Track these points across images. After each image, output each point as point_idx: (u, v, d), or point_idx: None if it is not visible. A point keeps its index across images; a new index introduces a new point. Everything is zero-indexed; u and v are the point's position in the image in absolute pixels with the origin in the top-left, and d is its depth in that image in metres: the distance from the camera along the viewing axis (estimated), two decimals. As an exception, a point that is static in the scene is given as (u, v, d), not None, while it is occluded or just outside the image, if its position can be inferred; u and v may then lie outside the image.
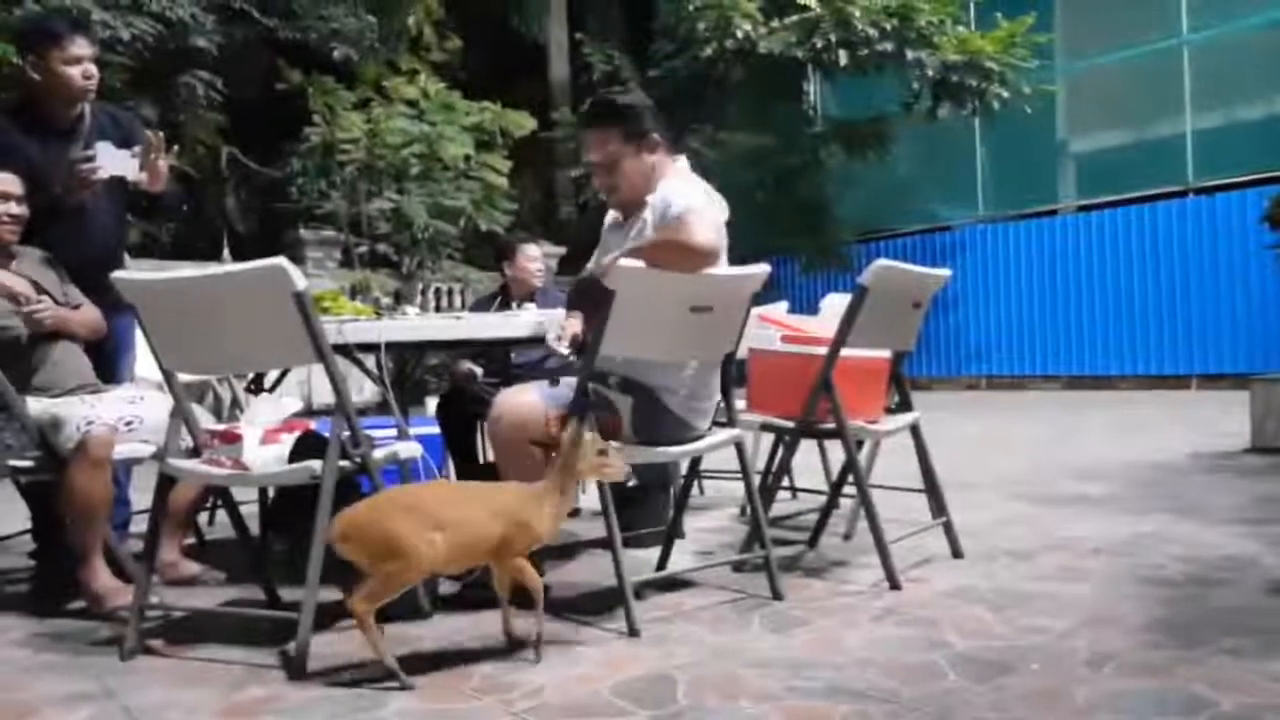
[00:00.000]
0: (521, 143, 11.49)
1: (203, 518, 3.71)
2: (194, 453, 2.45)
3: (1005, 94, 11.65)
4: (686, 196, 2.60)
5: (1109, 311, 11.69)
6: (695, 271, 2.48)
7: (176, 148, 3.26)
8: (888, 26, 11.07)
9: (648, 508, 3.53)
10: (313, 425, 2.44)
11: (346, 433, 2.23)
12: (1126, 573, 2.82)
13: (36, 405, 2.63)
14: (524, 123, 11.09)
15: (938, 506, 3.18)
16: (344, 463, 2.22)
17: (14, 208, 2.85)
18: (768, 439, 3.70)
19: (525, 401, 2.55)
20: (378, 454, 2.34)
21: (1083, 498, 4.18)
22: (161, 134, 3.01)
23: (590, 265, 2.96)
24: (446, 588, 2.68)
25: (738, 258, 2.77)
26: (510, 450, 2.57)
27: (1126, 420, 7.79)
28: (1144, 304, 11.36)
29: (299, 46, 11.25)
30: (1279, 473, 4.65)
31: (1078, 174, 13.06)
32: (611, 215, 2.98)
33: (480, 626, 2.43)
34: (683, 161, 2.82)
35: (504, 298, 4.46)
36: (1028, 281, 12.45)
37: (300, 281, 2.18)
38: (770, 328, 3.19)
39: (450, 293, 11.81)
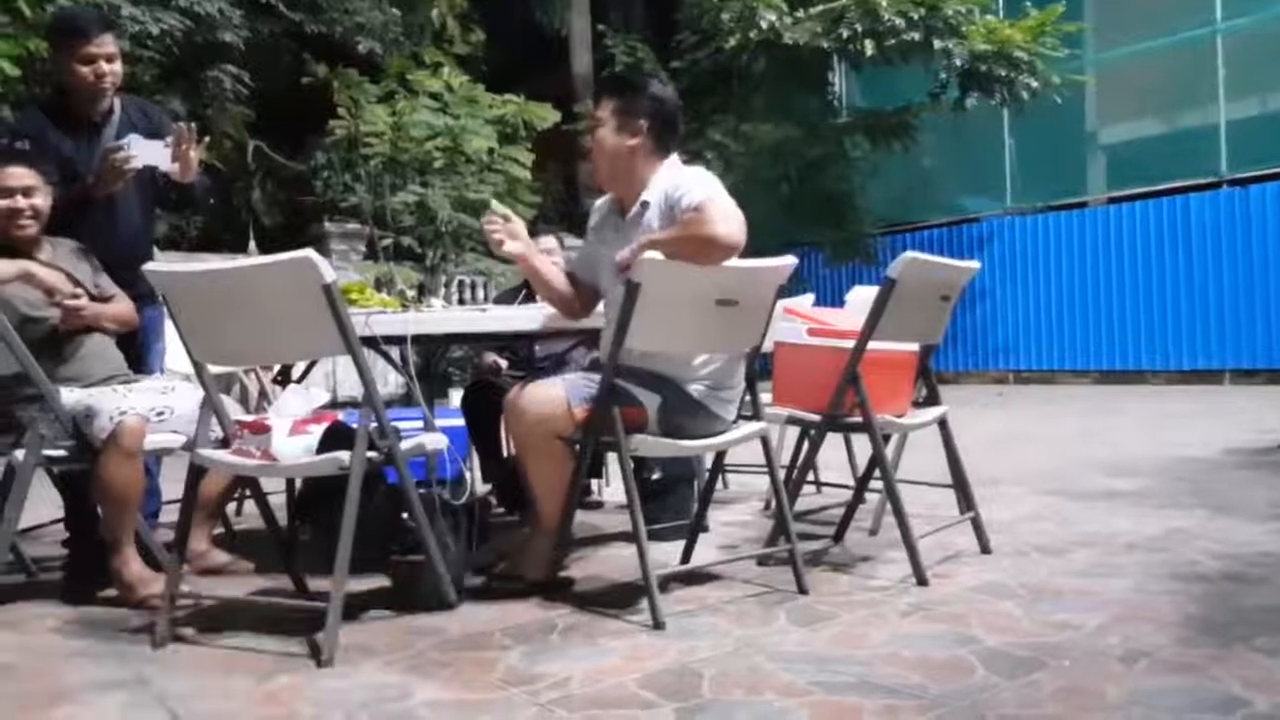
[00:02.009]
0: (544, 135, 11.49)
1: (231, 508, 3.75)
2: (223, 443, 2.47)
3: (1034, 84, 11.50)
4: (704, 186, 2.58)
5: (1140, 305, 11.54)
6: (717, 263, 2.46)
7: (207, 138, 3.27)
8: (915, 16, 10.96)
9: (672, 501, 3.53)
10: (340, 417, 2.45)
11: (374, 424, 2.24)
12: (1160, 569, 2.79)
13: (70, 396, 2.66)
14: (547, 115, 11.07)
15: (965, 501, 3.15)
16: (371, 454, 2.23)
17: (26, 200, 2.80)
18: (793, 433, 3.68)
19: (549, 395, 2.54)
20: (404, 446, 2.34)
21: (1114, 493, 4.13)
22: (193, 125, 3.03)
23: (574, 258, 2.96)
24: (473, 579, 2.69)
25: (763, 249, 2.76)
26: (532, 444, 2.57)
27: (1158, 415, 7.69)
28: (1176, 297, 11.20)
29: (324, 40, 11.31)
30: (1314, 468, 4.58)
31: (1108, 165, 12.89)
32: (603, 208, 2.91)
33: (508, 618, 2.44)
34: (674, 158, 2.76)
35: (528, 291, 4.46)
36: (1057, 274, 12.31)
37: (329, 274, 2.19)
38: (796, 320, 3.16)
39: (473, 286, 11.84)
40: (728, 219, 2.46)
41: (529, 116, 11.08)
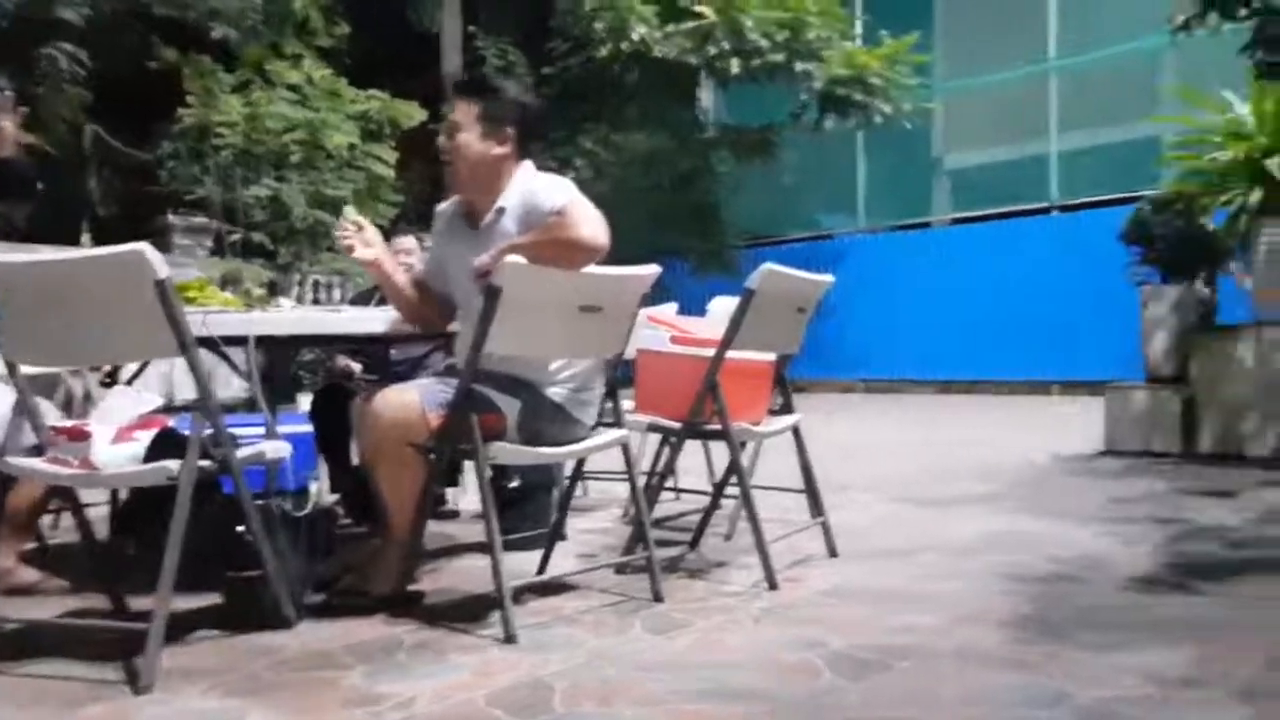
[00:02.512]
0: (410, 134, 11.24)
1: (48, 520, 3.47)
2: (38, 450, 2.27)
3: (887, 109, 12.02)
4: (565, 190, 2.57)
5: (979, 320, 12.18)
6: (581, 266, 2.44)
7: (26, 109, 3.00)
8: (778, 38, 11.28)
9: (531, 509, 3.47)
10: (171, 422, 2.30)
11: (208, 431, 2.11)
12: (998, 571, 2.92)
13: None
14: (413, 113, 10.86)
15: (815, 507, 3.24)
16: (204, 463, 2.10)
17: None
18: (654, 439, 3.70)
19: (403, 401, 2.46)
20: (241, 454, 2.21)
21: (957, 498, 4.32)
22: (6, 92, 2.77)
23: (422, 267, 2.90)
24: (315, 595, 2.57)
25: (630, 258, 2.75)
26: (384, 452, 2.48)
27: (996, 423, 8.12)
28: (1011, 313, 11.87)
29: (175, 24, 10.72)
30: (1130, 474, 4.91)
31: (952, 189, 13.61)
32: (448, 214, 2.85)
33: (351, 635, 2.34)
34: (529, 164, 2.74)
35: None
36: (904, 289, 12.87)
37: (162, 269, 2.05)
38: (659, 329, 3.18)
39: (330, 286, 11.45)
40: (591, 222, 2.46)
41: (394, 114, 10.84)
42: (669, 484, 4.08)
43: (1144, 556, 3.08)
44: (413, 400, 2.45)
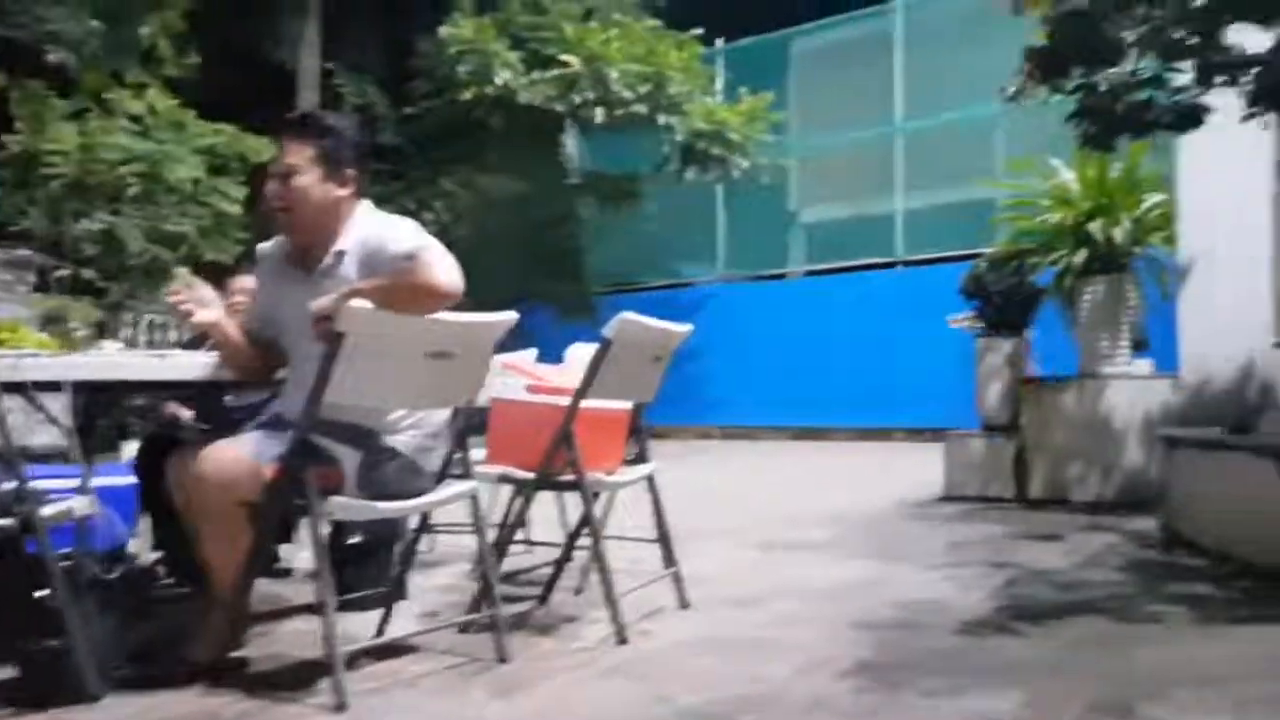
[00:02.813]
0: (261, 169, 10.84)
1: None
2: None
3: (745, 164, 12.41)
4: (413, 233, 2.49)
5: (830, 368, 12.62)
6: (434, 311, 2.34)
7: None
8: (642, 90, 11.51)
9: (371, 566, 3.32)
10: (-33, 476, 2.09)
11: (9, 485, 1.93)
12: (840, 617, 2.98)
13: None
14: (263, 149, 10.48)
15: (668, 557, 3.23)
16: (3, 521, 1.91)
17: None
18: (507, 489, 3.63)
19: (235, 457, 2.31)
20: (47, 510, 2.03)
21: (803, 544, 4.41)
22: None
23: (247, 316, 2.76)
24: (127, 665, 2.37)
25: (491, 302, 2.69)
26: (213, 512, 2.32)
27: (844, 469, 8.38)
28: (859, 362, 12.35)
29: (6, 44, 10.05)
30: (967, 519, 5.14)
31: (806, 242, 14.14)
32: (275, 257, 2.71)
33: (161, 709, 2.16)
34: (367, 203, 2.64)
35: None
36: (760, 338, 13.23)
37: (-40, 309, 1.88)
38: (515, 376, 3.14)
39: (166, 326, 10.86)
40: (446, 266, 2.37)
41: (244, 149, 10.44)
42: (520, 536, 4.01)
43: (979, 601, 3.20)
44: (244, 456, 2.31)
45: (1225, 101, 3.59)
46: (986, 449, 5.99)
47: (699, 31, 12.19)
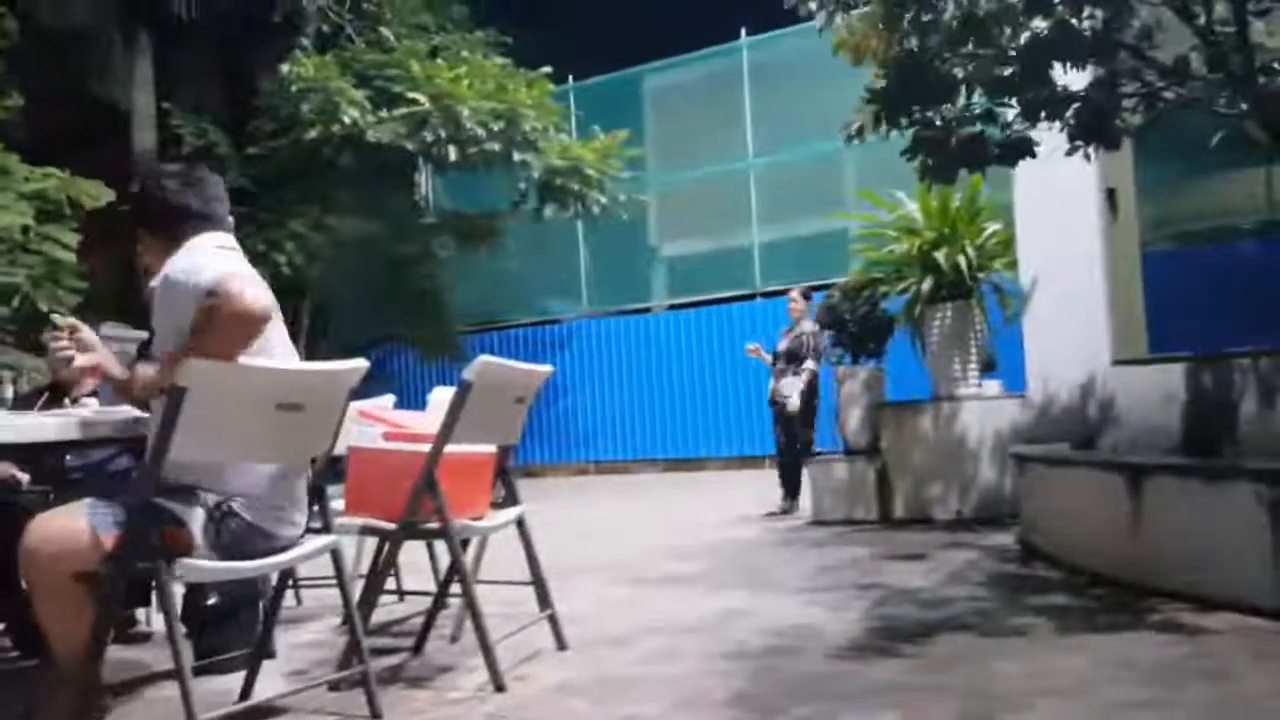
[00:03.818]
0: (97, 215, 10.26)
1: None
2: None
3: (603, 200, 12.53)
4: (209, 264, 2.32)
5: (697, 400, 12.83)
6: (254, 336, 2.24)
7: None
8: (495, 127, 11.48)
9: (232, 627, 3.17)
10: None
11: None
12: (714, 649, 3.00)
13: None
14: (98, 193, 9.91)
15: (542, 599, 3.19)
16: None
17: None
18: (374, 538, 3.51)
19: (67, 528, 2.15)
20: None
21: (677, 577, 4.43)
22: None
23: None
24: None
25: (349, 344, 2.61)
26: (45, 588, 2.15)
27: (713, 499, 8.47)
28: (725, 393, 12.60)
29: None
30: (835, 543, 5.28)
31: (668, 276, 14.37)
32: None
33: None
34: (197, 240, 2.50)
35: (52, 393, 3.82)
36: (627, 372, 13.33)
37: None
38: (372, 424, 3.05)
39: (1, 381, 10.09)
40: (251, 284, 2.24)
41: (76, 193, 9.85)
42: (390, 585, 3.89)
43: (850, 623, 3.29)
44: (78, 527, 2.14)
45: (1055, 135, 3.86)
46: (850, 473, 6.19)
47: (548, 70, 12.30)
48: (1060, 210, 5.31)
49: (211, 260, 2.36)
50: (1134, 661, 2.62)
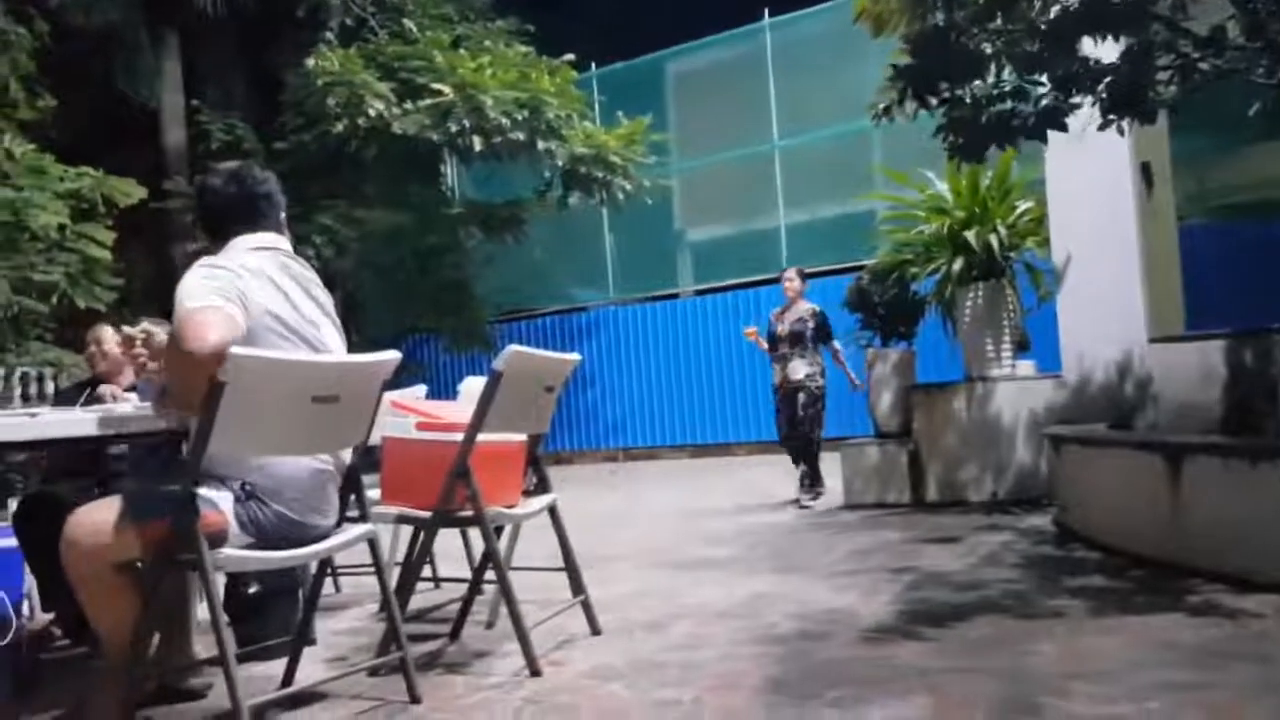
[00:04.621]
0: (130, 212, 10.40)
1: None
2: None
3: (628, 186, 12.51)
4: (189, 284, 2.25)
5: (725, 384, 12.81)
6: (201, 375, 2.11)
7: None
8: (519, 117, 11.48)
9: (274, 615, 3.23)
10: None
11: None
12: (746, 634, 3.01)
13: None
14: (131, 191, 10.05)
15: (575, 585, 3.21)
16: None
17: None
18: (409, 527, 3.55)
19: (103, 518, 2.20)
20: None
21: (707, 562, 4.44)
22: None
23: None
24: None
25: (379, 336, 2.64)
26: (87, 577, 2.20)
27: (743, 484, 8.48)
28: (753, 377, 12.56)
29: None
30: (867, 527, 5.26)
31: (694, 261, 14.33)
32: None
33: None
34: (250, 239, 2.50)
35: (93, 389, 3.89)
36: (655, 359, 13.33)
37: None
38: (405, 414, 3.07)
39: (41, 379, 10.27)
40: (193, 322, 2.13)
41: (109, 191, 9.99)
42: (426, 573, 3.94)
43: (882, 607, 3.28)
44: (116, 518, 2.20)
45: (1086, 109, 3.80)
46: (882, 456, 6.16)
47: (570, 57, 12.29)
48: (1094, 186, 5.23)
49: (191, 272, 2.30)
50: (1175, 643, 2.60)
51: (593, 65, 14.01)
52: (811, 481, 6.52)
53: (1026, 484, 5.72)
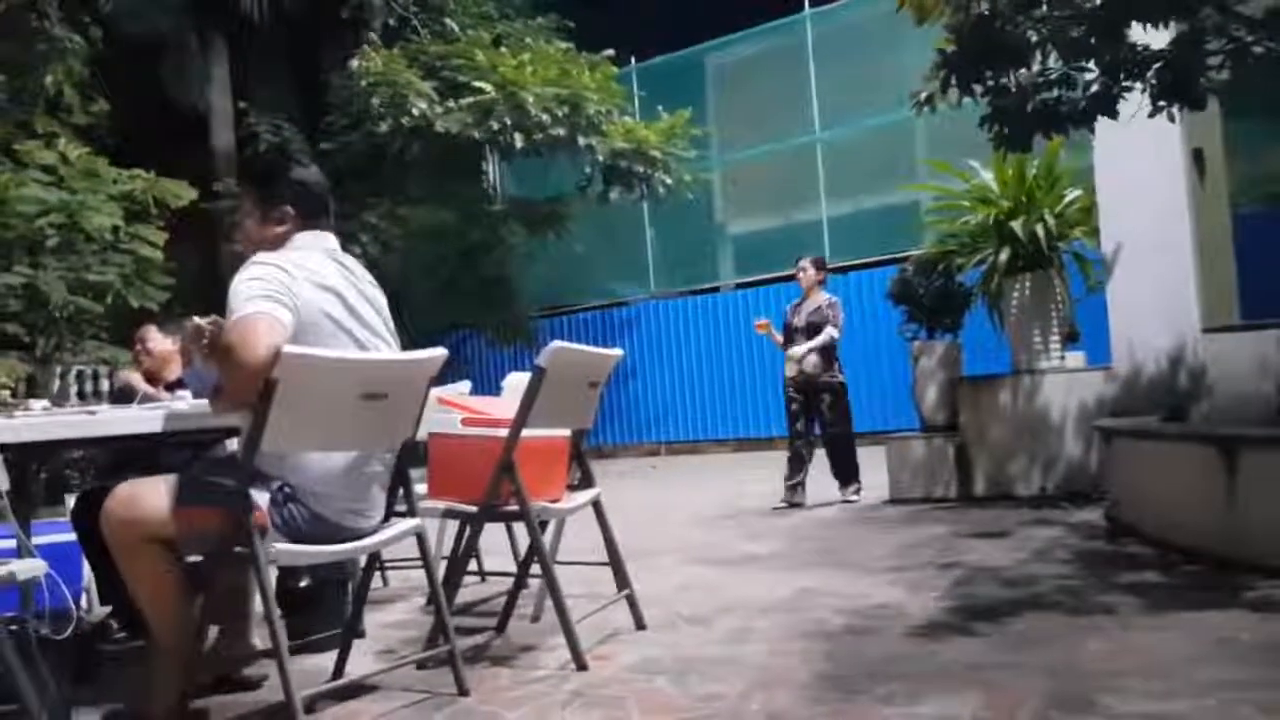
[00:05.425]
0: (180, 213, 10.62)
1: None
2: None
3: (669, 180, 12.51)
4: (241, 283, 2.28)
5: (767, 378, 12.75)
6: (235, 379, 2.19)
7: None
8: (559, 113, 11.53)
9: (324, 608, 3.28)
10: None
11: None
12: (792, 629, 3.00)
13: None
14: (181, 193, 10.25)
15: (620, 580, 3.22)
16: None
17: None
18: (455, 521, 3.59)
19: (135, 493, 2.29)
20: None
21: (753, 557, 4.43)
22: None
23: None
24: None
25: (425, 332, 2.67)
26: (122, 548, 2.29)
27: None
28: (797, 370, 12.52)
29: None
30: (914, 521, 5.22)
31: (735, 254, 14.29)
32: None
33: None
34: (308, 237, 2.54)
35: (130, 398, 3.97)
36: (696, 352, 13.32)
37: None
38: (450, 410, 3.11)
39: (96, 377, 10.54)
40: (240, 329, 2.19)
41: (160, 193, 10.20)
42: (473, 567, 3.98)
43: (930, 602, 3.25)
44: (146, 492, 2.28)
45: (1135, 96, 3.72)
46: (928, 450, 6.10)
47: (610, 53, 12.30)
48: (1144, 174, 5.13)
49: (243, 274, 2.32)
50: (1232, 640, 2.55)
51: (632, 60, 14.01)
52: (849, 477, 6.40)
53: (1076, 478, 5.63)
